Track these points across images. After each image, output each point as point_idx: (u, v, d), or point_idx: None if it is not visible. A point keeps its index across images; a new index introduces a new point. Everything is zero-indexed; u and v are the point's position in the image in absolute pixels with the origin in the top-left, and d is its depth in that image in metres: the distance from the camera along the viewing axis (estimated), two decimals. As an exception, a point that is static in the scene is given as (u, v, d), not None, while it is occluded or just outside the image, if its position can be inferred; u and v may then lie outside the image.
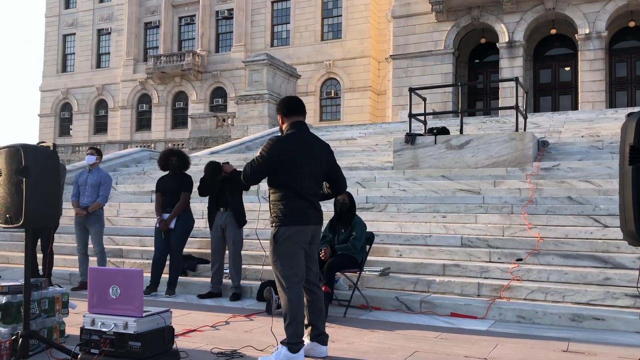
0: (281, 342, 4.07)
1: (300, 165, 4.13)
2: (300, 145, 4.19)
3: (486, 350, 4.52)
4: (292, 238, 4.09)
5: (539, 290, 5.99)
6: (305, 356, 4.12)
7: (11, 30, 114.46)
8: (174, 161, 7.12)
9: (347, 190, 6.37)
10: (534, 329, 5.25)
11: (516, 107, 11.08)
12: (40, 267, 7.39)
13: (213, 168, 6.94)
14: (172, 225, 6.97)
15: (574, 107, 23.81)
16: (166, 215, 6.99)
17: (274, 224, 4.16)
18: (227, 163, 6.96)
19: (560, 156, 11.21)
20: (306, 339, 4.20)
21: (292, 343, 4.01)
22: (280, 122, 4.40)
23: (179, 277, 7.19)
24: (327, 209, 7.92)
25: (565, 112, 19.01)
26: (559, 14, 23.36)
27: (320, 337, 4.29)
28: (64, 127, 41.25)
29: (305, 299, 4.20)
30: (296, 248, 4.12)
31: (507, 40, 23.69)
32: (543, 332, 5.13)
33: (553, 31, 24.45)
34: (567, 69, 25.27)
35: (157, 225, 7.03)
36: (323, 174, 4.33)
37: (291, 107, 4.33)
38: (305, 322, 4.21)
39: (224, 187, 6.78)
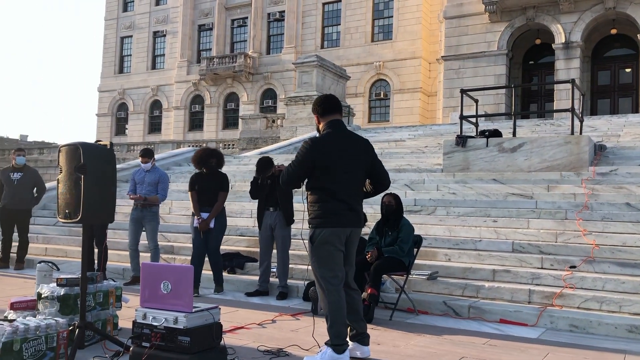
0: (325, 343, 4.08)
1: (336, 166, 4.08)
2: (336, 145, 4.13)
3: (536, 358, 4.40)
4: (327, 240, 4.07)
5: (594, 299, 5.78)
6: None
7: (73, 34, 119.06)
8: (213, 162, 7.13)
9: (395, 192, 6.34)
10: (588, 339, 5.08)
11: (572, 110, 10.74)
12: (95, 262, 7.65)
13: (264, 162, 6.98)
14: (211, 225, 6.98)
15: (635, 109, 22.89)
16: (205, 215, 6.99)
17: (310, 226, 4.15)
18: (282, 165, 6.95)
19: (619, 161, 10.78)
20: (347, 340, 4.20)
21: (336, 345, 4.01)
22: (316, 122, 4.35)
23: (228, 275, 7.28)
24: (375, 210, 7.90)
25: (625, 115, 18.29)
26: (620, 14, 22.49)
27: (360, 338, 4.27)
28: (120, 126, 42.60)
29: None
30: (332, 250, 4.09)
31: (563, 41, 23.00)
32: (597, 342, 4.95)
33: (613, 31, 23.57)
34: (628, 70, 24.31)
35: (196, 225, 6.99)
36: (364, 172, 4.26)
37: (326, 106, 4.27)
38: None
39: (274, 186, 6.83)
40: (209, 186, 7.06)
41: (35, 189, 9.47)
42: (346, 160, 4.12)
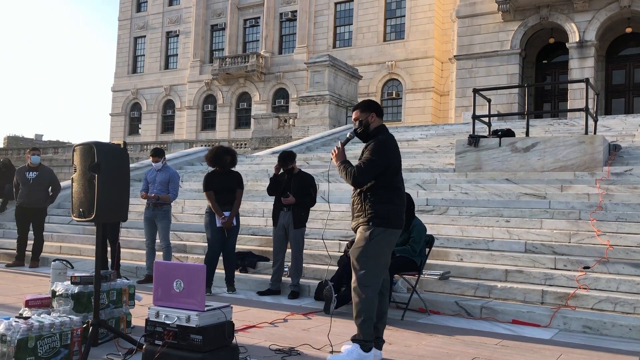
0: (352, 339, 4.09)
1: (399, 169, 4.29)
2: (397, 149, 4.33)
3: (549, 359, 4.37)
4: (386, 240, 4.16)
5: (608, 300, 5.73)
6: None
7: (88, 34, 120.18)
8: (228, 160, 7.15)
9: (407, 192, 6.32)
10: (602, 340, 5.04)
11: (586, 109, 10.65)
12: (109, 260, 7.72)
13: (286, 154, 6.97)
14: (234, 223, 7.06)
15: (650, 109, 22.63)
16: (227, 213, 7.02)
17: (370, 223, 4.15)
18: (288, 195, 6.82)
19: (634, 161, 10.68)
20: None
21: (366, 341, 4.04)
22: (369, 118, 4.35)
23: (240, 273, 7.31)
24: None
25: (640, 115, 18.10)
26: (635, 12, 22.26)
27: (377, 341, 4.28)
28: (134, 126, 42.91)
29: None
30: (386, 250, 4.20)
31: (577, 40, 22.80)
32: (611, 344, 4.91)
33: (628, 30, 23.31)
34: (643, 69, 24.05)
35: (219, 225, 7.00)
36: None
37: (380, 111, 4.45)
38: None
39: (290, 185, 6.83)
40: (226, 185, 7.09)
41: (50, 187, 9.58)
42: (400, 165, 4.34)
